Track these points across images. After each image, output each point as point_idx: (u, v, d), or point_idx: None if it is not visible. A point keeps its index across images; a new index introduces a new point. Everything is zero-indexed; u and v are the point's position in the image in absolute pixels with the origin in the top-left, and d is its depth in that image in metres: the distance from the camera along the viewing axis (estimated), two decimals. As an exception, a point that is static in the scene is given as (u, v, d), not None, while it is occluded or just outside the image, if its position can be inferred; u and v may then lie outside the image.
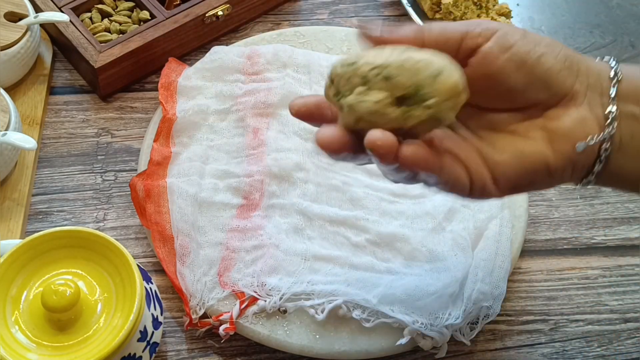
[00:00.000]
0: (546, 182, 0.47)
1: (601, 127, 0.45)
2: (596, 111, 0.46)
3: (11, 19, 0.72)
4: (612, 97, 0.46)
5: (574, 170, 0.46)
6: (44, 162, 0.71)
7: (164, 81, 0.72)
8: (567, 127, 0.45)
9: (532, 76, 0.45)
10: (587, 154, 0.46)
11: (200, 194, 0.65)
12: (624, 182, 0.48)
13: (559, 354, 0.63)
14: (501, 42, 0.45)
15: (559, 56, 0.46)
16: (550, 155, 0.45)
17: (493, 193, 0.46)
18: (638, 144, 0.46)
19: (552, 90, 0.46)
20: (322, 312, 0.60)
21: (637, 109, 0.46)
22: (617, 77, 0.46)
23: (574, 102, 0.46)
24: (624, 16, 0.87)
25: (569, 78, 0.46)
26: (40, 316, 0.52)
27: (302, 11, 0.85)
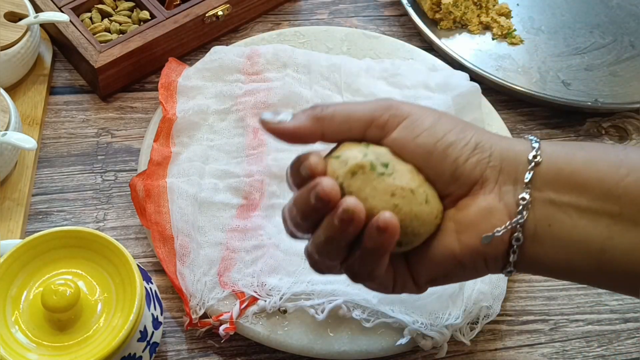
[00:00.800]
0: (461, 274, 0.45)
1: (511, 216, 0.43)
2: (507, 199, 0.43)
3: (11, 19, 0.72)
4: (526, 183, 0.43)
5: (487, 261, 0.44)
6: (44, 162, 0.71)
7: (164, 81, 0.72)
8: (473, 218, 0.43)
9: (439, 168, 0.43)
10: (497, 245, 0.43)
11: (200, 194, 0.65)
12: (548, 272, 0.45)
13: (559, 354, 0.63)
14: (408, 131, 0.44)
15: (469, 144, 0.44)
16: (457, 248, 0.43)
17: (413, 289, 0.46)
18: (558, 232, 0.43)
19: (460, 181, 0.44)
20: (322, 312, 0.60)
21: (555, 195, 0.43)
22: (536, 160, 0.43)
23: (482, 190, 0.43)
24: (624, 16, 0.87)
25: (477, 166, 0.43)
26: (40, 316, 0.52)
27: (302, 11, 0.85)
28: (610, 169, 0.42)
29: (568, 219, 0.42)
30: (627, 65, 0.82)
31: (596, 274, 0.43)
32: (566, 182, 0.43)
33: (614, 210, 0.42)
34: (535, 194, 0.43)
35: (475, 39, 0.83)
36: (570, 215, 0.42)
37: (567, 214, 0.42)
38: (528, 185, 0.43)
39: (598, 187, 0.42)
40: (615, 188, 0.42)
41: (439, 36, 0.82)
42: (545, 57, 0.82)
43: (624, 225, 0.42)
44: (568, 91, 0.79)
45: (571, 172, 0.43)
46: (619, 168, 0.42)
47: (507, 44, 0.83)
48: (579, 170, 0.43)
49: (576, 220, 0.42)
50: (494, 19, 0.84)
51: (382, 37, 0.79)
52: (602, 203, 0.42)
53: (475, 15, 0.84)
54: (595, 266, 0.43)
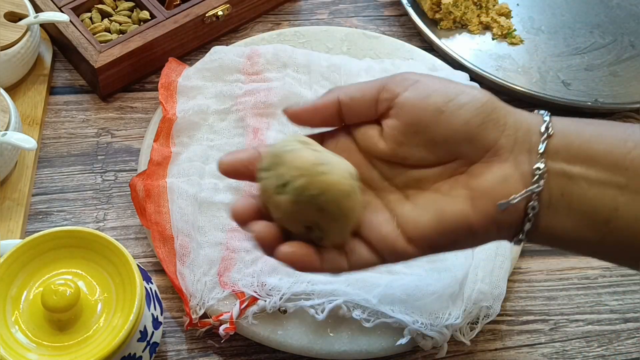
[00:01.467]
0: (470, 241, 0.46)
1: (526, 185, 0.43)
2: (522, 168, 0.44)
3: (11, 19, 0.72)
4: (541, 153, 0.43)
5: (500, 229, 0.45)
6: (44, 162, 0.71)
7: (164, 81, 0.72)
8: (489, 185, 0.44)
9: (451, 127, 0.44)
10: (511, 213, 0.44)
11: (200, 194, 0.65)
12: (558, 242, 0.46)
13: (559, 354, 0.63)
14: (418, 90, 0.44)
15: (484, 107, 0.44)
16: (472, 215, 0.44)
17: (410, 253, 0.45)
18: (569, 202, 0.43)
19: (474, 144, 0.44)
20: (322, 312, 0.60)
21: (567, 166, 0.43)
22: (548, 132, 0.44)
23: (497, 158, 0.44)
24: (624, 16, 0.87)
25: (492, 132, 0.44)
26: (40, 316, 0.52)
27: (302, 11, 0.85)
28: (618, 143, 0.43)
29: (578, 189, 0.43)
30: (627, 65, 0.82)
31: (600, 244, 0.44)
32: (576, 153, 0.43)
33: (620, 181, 0.42)
34: (549, 164, 0.43)
35: (475, 39, 0.83)
36: (580, 186, 0.43)
37: (577, 185, 0.43)
38: (543, 156, 0.43)
39: (606, 159, 0.43)
40: (623, 160, 0.43)
41: (439, 36, 0.82)
42: (545, 57, 0.82)
43: (629, 196, 0.42)
44: (568, 91, 0.79)
45: (581, 144, 0.43)
46: (625, 142, 0.43)
47: (507, 44, 0.83)
48: (588, 142, 0.43)
49: (586, 191, 0.43)
50: (494, 19, 0.84)
51: (382, 37, 0.79)
52: (610, 174, 0.43)
53: (475, 15, 0.84)
54: (600, 236, 0.43)
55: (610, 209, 0.43)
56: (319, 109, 0.47)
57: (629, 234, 0.43)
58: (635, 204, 0.42)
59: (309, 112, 0.47)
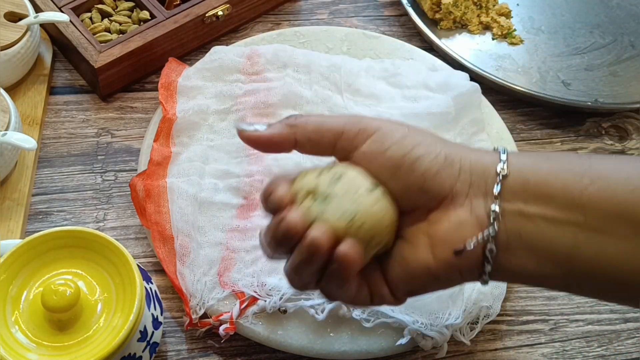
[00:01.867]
0: (438, 285, 0.47)
1: (482, 228, 0.44)
2: (477, 212, 0.44)
3: (11, 19, 0.72)
4: (496, 195, 0.44)
5: (462, 273, 0.45)
6: (44, 162, 0.71)
7: (164, 81, 0.72)
8: (445, 232, 0.44)
9: (407, 181, 0.44)
10: (470, 258, 0.44)
11: (200, 194, 0.65)
12: (524, 279, 0.46)
13: (559, 354, 0.63)
14: (377, 145, 0.45)
15: (438, 157, 0.44)
16: (432, 262, 0.44)
17: (391, 301, 0.47)
18: (528, 241, 0.43)
19: (429, 195, 0.45)
20: (322, 312, 0.60)
21: (524, 206, 0.43)
22: (503, 172, 0.44)
23: (453, 204, 0.44)
24: (624, 16, 0.87)
25: (447, 180, 0.44)
26: (40, 316, 0.52)
27: (302, 11, 0.85)
28: (575, 178, 0.43)
29: (536, 229, 0.43)
30: (627, 65, 0.82)
31: (566, 281, 0.44)
32: (533, 192, 0.43)
33: (579, 219, 0.43)
34: (505, 205, 0.44)
35: (475, 39, 0.83)
36: (538, 225, 0.43)
37: (535, 224, 0.43)
38: (497, 198, 0.43)
39: (563, 197, 0.43)
40: (579, 197, 0.43)
41: (439, 36, 0.82)
42: (545, 57, 0.82)
43: (588, 233, 0.42)
44: (568, 91, 0.79)
45: (537, 182, 0.44)
46: (582, 177, 0.43)
47: (507, 44, 0.83)
48: (545, 180, 0.44)
49: (544, 230, 0.43)
50: (494, 19, 0.84)
51: (382, 37, 0.79)
52: (567, 212, 0.43)
53: (475, 15, 0.84)
54: (564, 273, 0.44)
55: (571, 246, 0.43)
56: (274, 140, 0.47)
57: (591, 269, 0.43)
58: (594, 241, 0.42)
59: (264, 140, 0.47)
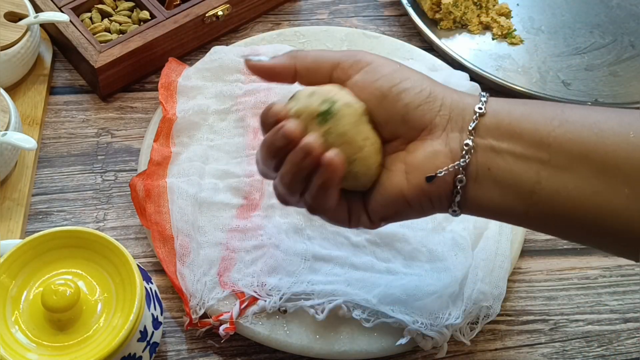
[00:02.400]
0: (411, 212, 0.50)
1: (454, 159, 0.47)
2: (452, 144, 0.47)
3: (11, 19, 0.72)
4: (470, 130, 0.47)
5: (432, 201, 0.48)
6: (44, 162, 0.71)
7: (164, 81, 0.72)
8: (420, 160, 0.48)
9: (392, 110, 0.48)
10: (440, 186, 0.47)
11: (200, 194, 0.65)
12: (488, 212, 0.49)
13: (559, 354, 0.63)
14: (368, 75, 0.49)
15: (422, 92, 0.48)
16: (405, 187, 0.48)
17: (367, 224, 0.51)
18: (495, 175, 0.47)
19: (409, 125, 0.48)
20: (322, 312, 0.60)
21: (495, 142, 0.47)
22: (480, 111, 0.48)
23: (431, 136, 0.48)
24: (624, 16, 0.87)
25: (428, 113, 0.48)
26: (40, 316, 0.52)
27: (302, 11, 0.85)
28: (545, 121, 0.47)
29: (505, 164, 0.47)
30: (627, 65, 0.82)
31: (527, 214, 0.48)
32: (505, 131, 0.47)
33: (544, 157, 0.46)
34: (477, 140, 0.47)
35: (475, 39, 0.83)
36: (506, 161, 0.47)
37: (504, 159, 0.47)
38: (472, 133, 0.47)
39: (532, 136, 0.47)
40: (547, 137, 0.46)
41: (439, 36, 0.82)
42: (545, 57, 0.82)
43: (551, 170, 0.46)
44: (568, 91, 0.79)
45: (510, 122, 0.47)
46: (552, 120, 0.47)
47: (507, 44, 0.83)
48: (517, 121, 0.47)
49: (512, 165, 0.47)
50: (494, 19, 0.84)
51: (382, 37, 0.79)
52: (534, 150, 0.46)
53: (475, 15, 0.84)
54: (525, 207, 0.47)
55: (534, 182, 0.46)
56: (276, 70, 0.51)
57: (551, 205, 0.46)
58: (556, 178, 0.46)
59: (266, 68, 0.51)
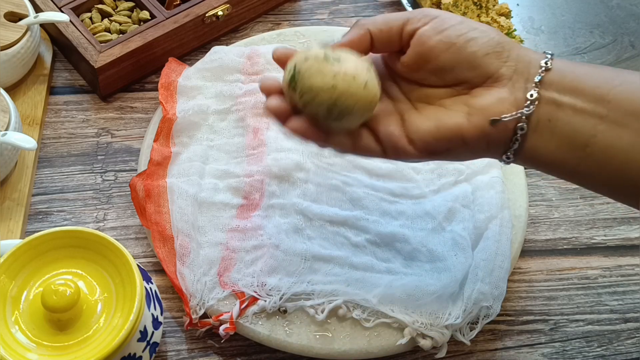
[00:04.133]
0: (461, 151, 0.51)
1: (518, 108, 0.49)
2: (517, 94, 0.49)
3: (11, 19, 0.72)
4: (536, 82, 0.49)
5: (489, 144, 0.50)
6: (44, 162, 0.71)
7: (164, 81, 0.72)
8: (485, 103, 0.49)
9: (459, 56, 0.50)
10: (501, 131, 0.49)
11: (200, 194, 0.65)
12: (541, 163, 0.51)
13: (559, 354, 0.63)
14: (436, 25, 0.50)
15: (491, 42, 0.50)
16: (466, 126, 0.50)
17: (410, 153, 0.51)
18: (554, 127, 0.49)
19: (477, 71, 0.50)
20: (322, 312, 0.60)
21: (558, 96, 0.49)
22: (547, 66, 0.50)
23: (497, 84, 0.50)
24: (624, 16, 0.87)
25: (495, 62, 0.50)
26: (40, 316, 0.52)
27: (302, 11, 0.85)
28: (606, 79, 0.49)
29: (564, 116, 0.49)
30: (627, 65, 0.82)
31: (578, 167, 0.49)
32: (568, 85, 0.49)
33: (602, 112, 0.48)
34: (541, 92, 0.49)
35: (475, 39, 0.83)
36: (566, 113, 0.49)
37: (564, 112, 0.49)
38: (537, 85, 0.49)
39: (593, 92, 0.49)
40: (607, 94, 0.48)
41: (439, 36, 0.82)
42: (545, 57, 0.82)
43: (607, 125, 0.48)
44: (568, 91, 0.79)
45: (573, 78, 0.49)
46: (613, 79, 0.49)
47: (507, 44, 0.83)
48: (580, 78, 0.49)
49: (570, 118, 0.49)
50: (494, 19, 0.84)
51: (382, 37, 0.79)
52: (594, 105, 0.48)
53: (475, 15, 0.84)
54: (577, 160, 0.49)
55: (589, 135, 0.48)
56: (354, 43, 0.52)
57: (602, 158, 0.48)
58: (611, 132, 0.48)
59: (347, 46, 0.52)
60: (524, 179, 0.69)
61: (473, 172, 0.68)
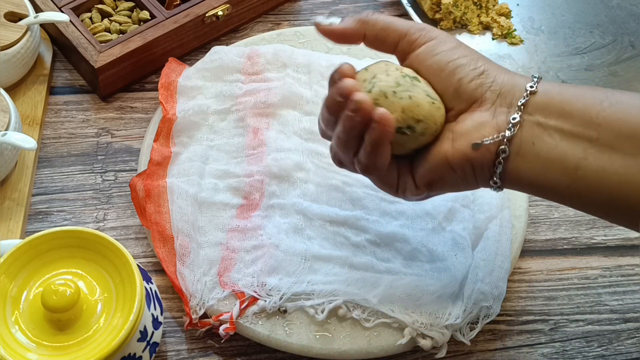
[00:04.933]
0: (454, 180, 0.52)
1: (500, 131, 0.49)
2: (499, 118, 0.50)
3: (11, 19, 0.72)
4: (519, 106, 0.49)
5: (474, 168, 0.50)
6: (44, 162, 0.71)
7: (164, 81, 0.72)
8: (467, 129, 0.50)
9: (446, 83, 0.51)
10: (483, 154, 0.50)
11: (200, 194, 0.65)
12: (527, 186, 0.51)
13: (559, 354, 0.63)
14: (430, 49, 0.52)
15: (477, 69, 0.51)
16: (450, 152, 0.50)
17: (413, 190, 0.53)
18: (539, 150, 0.49)
19: (462, 97, 0.51)
20: (322, 312, 0.60)
21: (543, 119, 0.49)
22: (532, 89, 0.50)
23: (480, 108, 0.50)
24: (624, 16, 0.87)
25: (480, 87, 0.50)
26: (40, 316, 0.52)
27: (302, 11, 0.85)
28: (595, 102, 0.49)
29: (550, 140, 0.49)
30: (627, 65, 0.82)
31: (569, 190, 0.49)
32: (555, 109, 0.49)
33: (592, 135, 0.48)
34: (525, 116, 0.49)
35: (475, 39, 0.83)
36: (553, 137, 0.49)
37: (550, 136, 0.49)
38: (520, 108, 0.49)
39: (582, 115, 0.48)
40: (596, 117, 0.48)
41: (439, 36, 0.82)
42: (545, 57, 0.82)
43: (599, 148, 0.48)
44: (568, 91, 0.79)
45: (561, 101, 0.49)
46: (602, 102, 0.49)
47: (507, 44, 0.83)
48: (568, 100, 0.49)
49: (558, 142, 0.49)
50: (494, 19, 0.84)
51: (382, 37, 0.79)
52: (583, 129, 0.48)
53: (475, 15, 0.84)
54: (568, 182, 0.49)
55: (580, 158, 0.48)
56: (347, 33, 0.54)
57: (594, 181, 0.48)
58: (603, 155, 0.48)
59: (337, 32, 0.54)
60: (524, 179, 0.69)
61: (473, 172, 0.68)
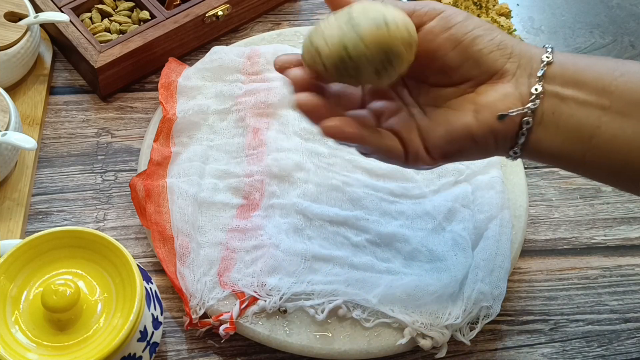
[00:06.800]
0: (474, 150, 0.52)
1: (524, 103, 0.50)
2: (521, 89, 0.50)
3: (11, 19, 0.72)
4: (539, 77, 0.50)
5: (497, 140, 0.51)
6: (44, 162, 0.71)
7: (164, 81, 0.72)
8: (491, 100, 0.50)
9: (465, 55, 0.50)
10: (507, 126, 0.50)
11: (200, 194, 0.65)
12: (547, 156, 0.52)
13: (559, 354, 0.63)
14: (443, 22, 0.51)
15: (494, 40, 0.51)
16: (474, 125, 0.50)
17: (427, 161, 0.52)
18: (557, 119, 0.50)
19: (482, 68, 0.51)
20: (322, 312, 0.60)
21: (560, 89, 0.50)
22: (548, 60, 0.50)
23: (502, 79, 0.51)
24: (624, 16, 0.87)
25: (500, 59, 0.51)
26: (40, 316, 0.52)
27: (302, 11, 0.85)
28: (608, 71, 0.50)
29: (568, 109, 0.50)
30: (627, 65, 0.82)
31: (584, 159, 0.50)
32: (570, 78, 0.50)
33: (605, 103, 0.49)
34: (545, 86, 0.50)
35: (475, 39, 0.83)
36: (570, 106, 0.50)
37: (567, 105, 0.50)
38: (541, 79, 0.50)
39: (595, 84, 0.50)
40: (609, 85, 0.49)
41: (439, 36, 0.82)
42: (545, 57, 0.82)
43: (611, 116, 0.49)
44: (568, 91, 0.79)
45: (575, 71, 0.50)
46: (614, 71, 0.50)
47: (507, 44, 0.83)
48: (582, 70, 0.50)
49: (574, 110, 0.50)
50: (494, 19, 0.84)
51: (382, 37, 0.79)
52: (596, 97, 0.49)
53: (475, 15, 0.84)
54: (584, 151, 0.50)
55: (594, 126, 0.49)
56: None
57: (608, 149, 0.49)
58: (615, 123, 0.49)
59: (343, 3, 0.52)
60: (524, 179, 0.69)
61: (473, 172, 0.68)
